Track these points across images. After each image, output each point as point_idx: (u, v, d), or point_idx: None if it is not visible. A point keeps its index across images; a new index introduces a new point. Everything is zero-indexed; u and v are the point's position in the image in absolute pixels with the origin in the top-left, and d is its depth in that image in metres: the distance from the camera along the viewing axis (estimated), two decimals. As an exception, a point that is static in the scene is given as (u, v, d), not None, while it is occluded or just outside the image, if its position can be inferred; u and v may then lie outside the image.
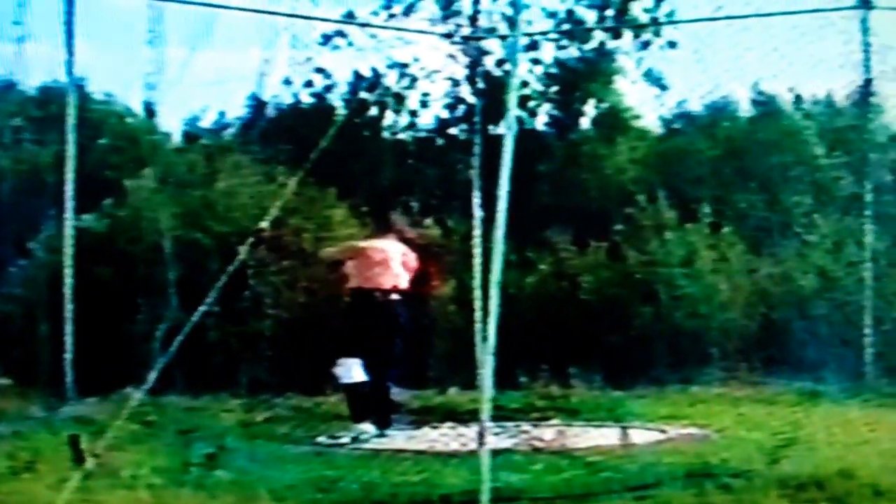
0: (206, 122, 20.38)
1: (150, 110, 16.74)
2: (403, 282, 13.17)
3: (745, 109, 18.89)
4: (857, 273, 16.28)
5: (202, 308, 10.79)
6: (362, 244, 13.30)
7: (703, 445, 12.31)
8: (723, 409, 14.69)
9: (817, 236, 16.60)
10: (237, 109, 19.82)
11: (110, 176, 18.07)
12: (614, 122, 20.16)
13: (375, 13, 19.62)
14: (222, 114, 20.21)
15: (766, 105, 18.57)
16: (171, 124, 19.30)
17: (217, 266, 13.30)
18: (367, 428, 12.88)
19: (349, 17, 19.26)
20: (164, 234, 14.60)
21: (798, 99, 18.72)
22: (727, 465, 10.84)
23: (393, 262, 13.04)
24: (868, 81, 16.65)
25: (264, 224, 12.10)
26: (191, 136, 20.09)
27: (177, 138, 19.66)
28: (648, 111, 20.61)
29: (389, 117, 20.38)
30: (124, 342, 14.69)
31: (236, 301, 15.74)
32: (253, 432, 13.14)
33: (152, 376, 10.54)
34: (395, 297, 13.07)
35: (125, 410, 10.55)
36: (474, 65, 19.03)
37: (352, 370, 12.82)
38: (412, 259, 13.41)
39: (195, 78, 15.67)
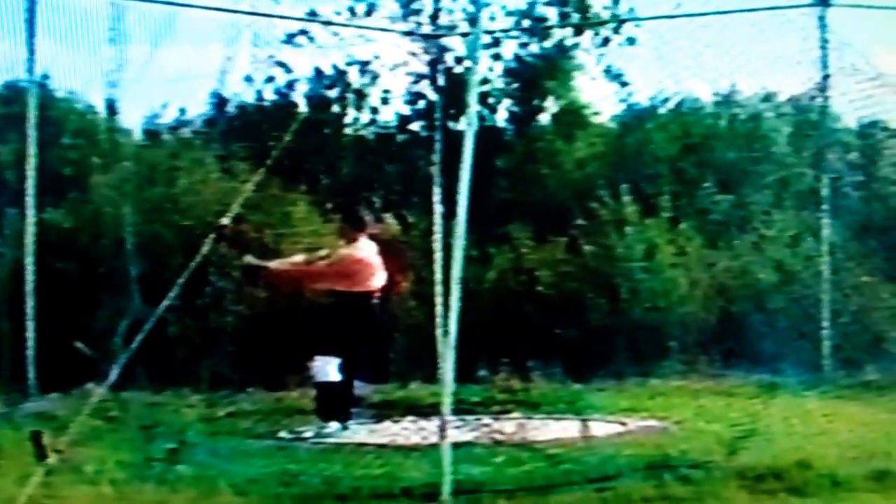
0: (168, 119, 20.34)
1: (111, 108, 16.71)
2: (383, 280, 13.18)
3: (704, 106, 18.99)
4: (814, 266, 16.42)
5: (164, 304, 10.82)
6: (356, 253, 13.18)
7: (663, 437, 12.43)
8: (682, 401, 14.81)
9: (775, 230, 16.72)
10: (199, 106, 19.79)
11: (72, 173, 18.03)
12: (574, 118, 20.22)
13: (338, 12, 19.65)
14: (183, 111, 20.19)
15: (724, 101, 18.68)
16: (133, 121, 19.25)
17: (179, 262, 13.30)
18: (332, 424, 12.90)
19: (312, 16, 19.27)
20: (126, 231, 14.61)
21: (756, 95, 18.83)
22: (686, 456, 10.93)
23: (375, 262, 13.03)
24: (826, 78, 16.79)
25: (226, 220, 12.11)
26: (152, 133, 20.05)
27: (138, 135, 19.60)
28: (608, 107, 20.70)
29: (351, 114, 20.39)
30: (86, 338, 14.66)
31: (198, 297, 15.75)
32: (215, 427, 13.17)
33: (114, 372, 10.55)
34: (378, 296, 13.08)
35: (87, 406, 10.54)
36: (435, 62, 19.09)
37: (328, 369, 12.81)
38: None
39: (157, 75, 15.64)
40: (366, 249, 12.85)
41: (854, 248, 16.32)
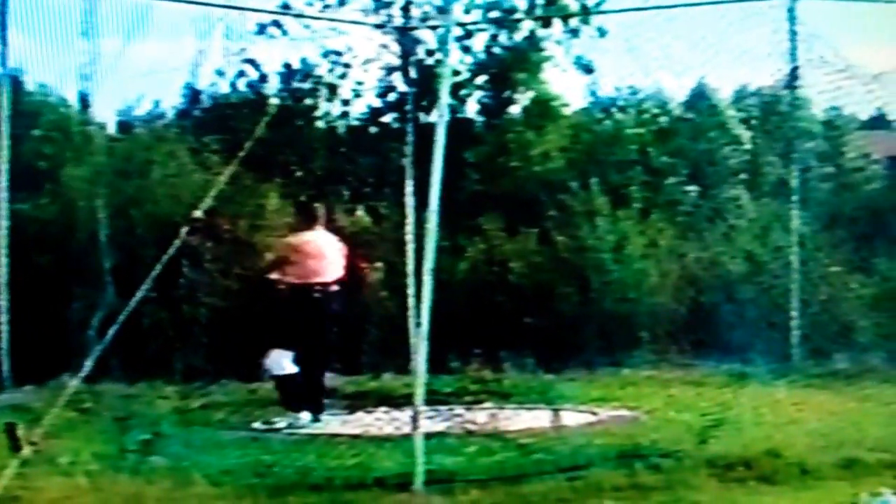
0: (141, 112, 20.31)
1: (84, 101, 16.69)
2: (338, 272, 13.22)
3: (674, 97, 19.06)
4: (783, 257, 16.50)
5: (138, 296, 10.84)
6: (294, 240, 13.27)
7: (634, 427, 12.50)
8: (652, 391, 14.88)
9: (745, 221, 16.80)
10: (172, 99, 19.77)
11: (45, 166, 18.01)
12: (544, 109, 20.24)
13: (310, 3, 19.63)
14: (157, 103, 20.16)
15: (694, 93, 18.74)
16: (107, 114, 19.21)
17: (152, 254, 13.32)
18: (303, 416, 12.95)
19: (284, 8, 19.28)
20: (100, 223, 14.60)
21: (726, 87, 18.93)
22: (657, 445, 11.00)
23: (327, 254, 13.07)
24: (795, 70, 16.89)
25: (199, 213, 12.13)
26: (126, 125, 20.03)
27: (112, 128, 19.57)
28: (578, 99, 20.74)
29: (323, 106, 20.39)
30: (60, 330, 14.65)
31: (172, 289, 15.77)
32: (189, 419, 13.15)
33: (88, 364, 10.57)
34: (333, 288, 13.11)
35: (61, 398, 10.55)
36: (407, 54, 19.12)
37: (282, 362, 12.85)
38: (343, 248, 13.47)
39: (130, 68, 15.63)
40: (312, 239, 12.91)
41: (823, 239, 16.43)
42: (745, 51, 16.61)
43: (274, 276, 13.22)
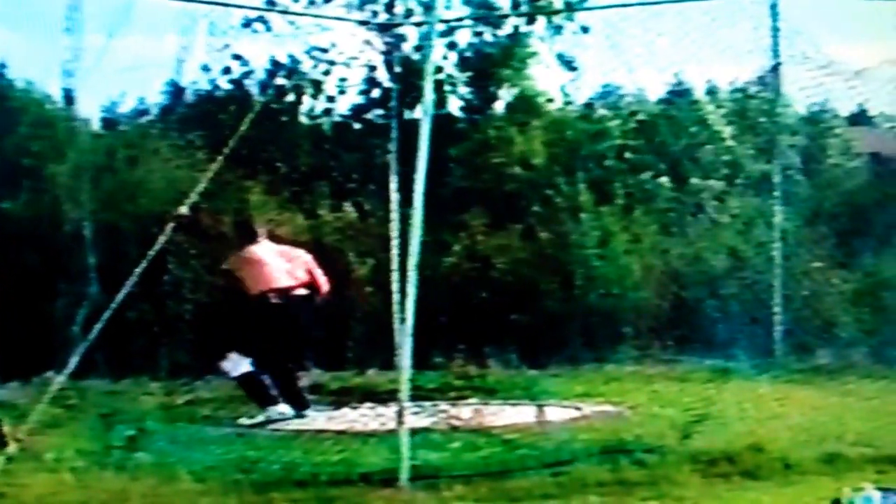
0: (125, 108, 20.30)
1: (69, 97, 16.67)
2: (295, 279, 13.12)
3: (658, 93, 19.11)
4: (766, 253, 16.51)
5: (123, 293, 10.86)
6: (239, 254, 13.22)
7: (617, 422, 12.55)
8: (636, 386, 14.95)
9: (728, 217, 16.84)
10: (156, 95, 19.76)
11: (30, 163, 17.99)
12: (528, 105, 20.27)
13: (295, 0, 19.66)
14: (141, 100, 20.14)
15: (677, 89, 18.78)
16: (91, 111, 19.20)
17: (137, 251, 13.33)
18: (283, 409, 12.92)
19: (269, 4, 19.28)
20: (84, 219, 14.60)
21: (708, 83, 18.97)
22: (641, 440, 11.07)
23: (271, 263, 13.00)
24: (777, 66, 16.95)
25: (184, 209, 12.15)
26: (110, 122, 20.01)
27: (96, 125, 19.57)
28: (562, 95, 20.75)
29: (307, 103, 20.40)
30: (45, 327, 14.66)
31: (157, 285, 15.77)
32: (173, 415, 13.21)
33: (74, 360, 10.59)
34: (296, 293, 13.06)
35: (47, 395, 10.60)
36: (391, 50, 19.12)
37: (238, 364, 12.84)
38: (302, 255, 13.41)
39: (114, 64, 15.62)
40: (254, 251, 12.91)
41: (805, 235, 16.47)
42: (727, 47, 16.66)
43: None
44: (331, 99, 20.48)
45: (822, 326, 16.27)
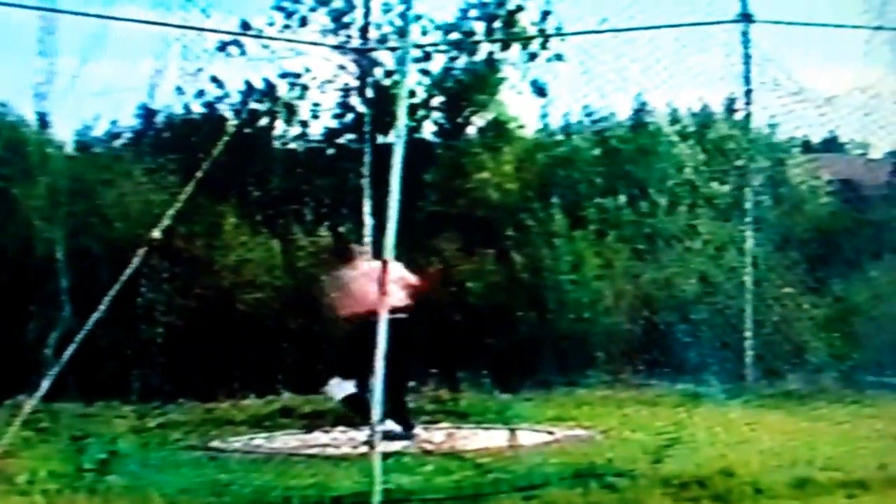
0: (99, 132, 20.27)
1: (42, 120, 16.67)
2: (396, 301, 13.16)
3: (630, 119, 19.19)
4: (737, 278, 16.62)
5: (95, 316, 10.84)
6: (334, 276, 13.25)
7: (589, 446, 12.51)
8: (608, 410, 14.90)
9: (699, 242, 16.90)
10: (129, 119, 19.75)
11: (2, 185, 17.95)
12: (501, 131, 20.33)
13: (270, 23, 19.69)
14: (115, 123, 20.13)
15: (650, 115, 18.88)
16: (65, 134, 19.18)
17: (109, 274, 13.31)
18: (391, 425, 12.85)
19: (244, 28, 19.31)
20: (57, 242, 14.57)
21: (681, 109, 19.07)
22: (612, 465, 11.04)
23: (365, 283, 13.02)
24: (748, 92, 17.06)
25: (157, 233, 12.15)
26: (84, 145, 19.99)
27: (70, 148, 19.54)
28: (534, 121, 20.85)
29: (280, 127, 20.43)
30: (17, 350, 14.61)
31: (129, 308, 15.74)
32: (146, 438, 13.16)
33: (45, 383, 10.57)
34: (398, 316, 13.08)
35: (19, 417, 10.57)
36: (365, 75, 19.18)
37: (343, 386, 12.87)
38: (407, 276, 13.44)
39: (88, 88, 15.63)
40: (356, 274, 12.94)
41: (776, 260, 16.55)
42: (699, 73, 16.83)
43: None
44: (304, 123, 20.52)
45: (793, 351, 16.33)
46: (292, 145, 20.56)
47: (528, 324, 18.13)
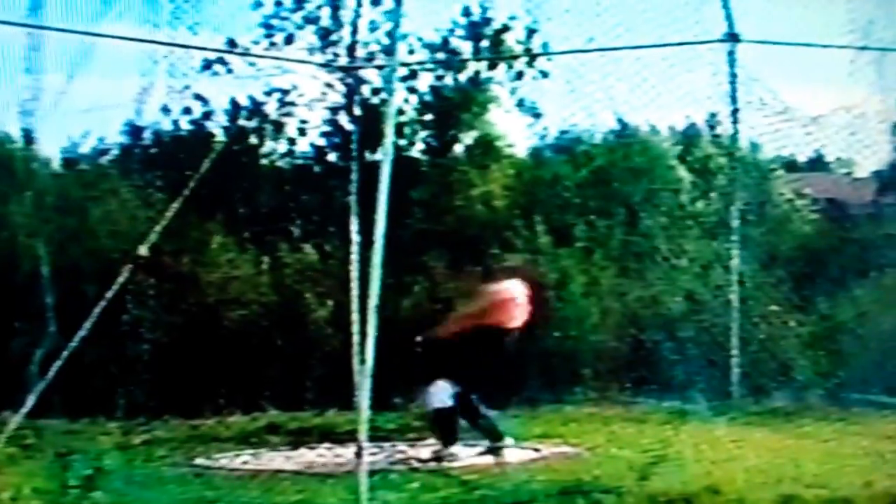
0: (86, 149, 20.26)
1: (28, 137, 16.67)
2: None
3: (616, 138, 19.24)
4: (723, 296, 16.63)
5: (80, 333, 10.84)
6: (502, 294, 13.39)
7: (576, 463, 12.52)
8: (594, 427, 14.88)
9: (685, 260, 16.92)
10: (116, 136, 19.75)
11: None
12: (488, 149, 20.38)
13: (256, 42, 19.72)
14: (102, 140, 20.13)
15: (636, 134, 18.92)
16: (51, 151, 19.18)
17: (95, 291, 13.32)
18: (454, 449, 12.96)
19: (230, 46, 19.32)
20: (43, 259, 14.55)
21: (667, 128, 19.14)
22: (598, 482, 11.08)
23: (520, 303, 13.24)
24: (735, 111, 17.12)
25: (143, 249, 12.16)
26: (70, 162, 19.99)
27: (57, 165, 19.55)
28: (521, 139, 20.91)
29: (268, 144, 20.45)
30: (2, 366, 14.58)
31: (115, 325, 15.72)
32: (131, 455, 13.15)
33: (30, 400, 10.57)
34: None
35: (3, 434, 10.56)
36: (352, 93, 19.21)
37: (444, 396, 12.92)
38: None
39: (74, 105, 15.62)
40: (509, 290, 13.07)
41: (762, 278, 16.58)
42: (685, 93, 16.88)
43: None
44: (291, 141, 20.54)
45: (779, 369, 16.35)
46: (279, 163, 20.59)
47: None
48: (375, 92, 19.41)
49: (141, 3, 15.91)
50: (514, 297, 13.13)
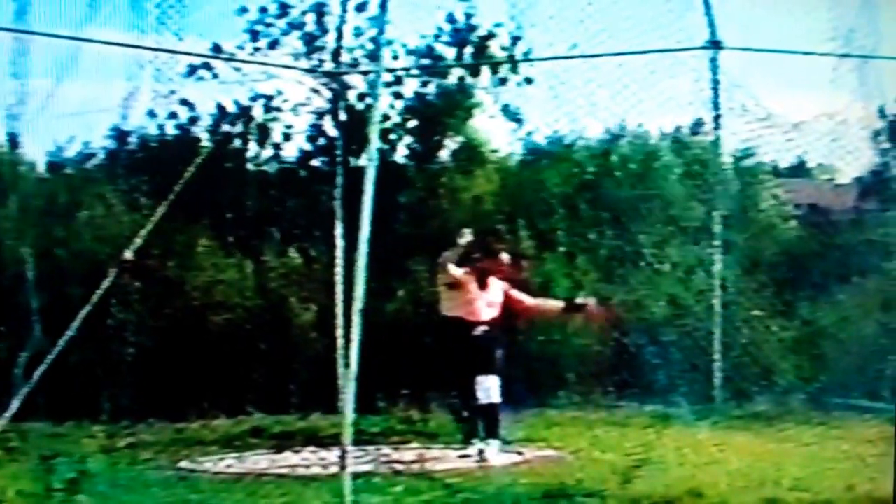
0: (72, 153, 20.26)
1: (14, 141, 16.70)
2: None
3: (599, 144, 19.29)
4: (706, 301, 16.71)
5: (66, 336, 10.87)
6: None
7: (559, 467, 12.61)
8: (578, 431, 14.96)
9: (668, 265, 16.99)
10: (102, 140, 19.75)
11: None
12: (472, 154, 20.39)
13: (241, 47, 19.72)
14: (87, 144, 20.12)
15: (618, 140, 18.97)
16: (36, 155, 19.18)
17: (81, 294, 13.35)
18: (493, 444, 13.14)
19: (215, 51, 19.34)
20: (28, 262, 14.57)
21: (649, 134, 19.18)
22: (582, 485, 11.14)
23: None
24: (717, 117, 17.20)
25: (129, 253, 12.19)
26: (56, 166, 19.98)
27: (42, 169, 19.54)
28: (505, 144, 20.94)
29: (253, 149, 20.45)
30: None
31: (100, 328, 15.74)
32: (115, 458, 13.18)
33: (15, 403, 10.59)
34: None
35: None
36: (337, 99, 19.24)
37: (495, 390, 12.99)
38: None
39: (60, 109, 15.65)
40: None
41: (744, 284, 16.64)
42: (668, 99, 16.95)
43: None
44: (277, 146, 20.55)
45: (761, 373, 16.41)
46: (265, 167, 20.60)
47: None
48: (361, 97, 19.45)
49: (127, 8, 15.97)
50: (473, 287, 13.13)
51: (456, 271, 13.34)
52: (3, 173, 17.38)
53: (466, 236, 13.18)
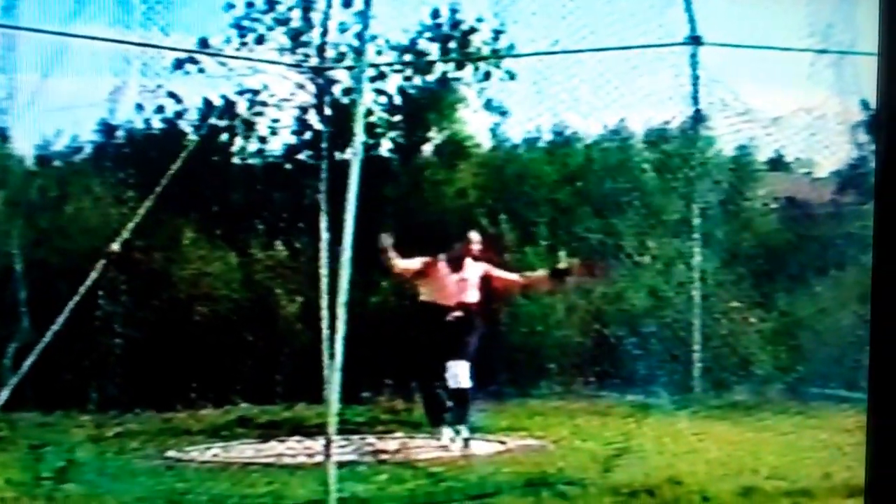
0: (60, 147, 20.31)
1: (2, 135, 16.76)
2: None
3: (580, 138, 19.39)
4: (686, 292, 16.80)
5: (54, 328, 10.98)
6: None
7: (541, 456, 12.74)
8: (559, 420, 15.09)
9: (648, 258, 17.10)
10: (89, 134, 19.79)
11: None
12: (456, 148, 20.48)
13: (227, 41, 19.79)
14: (75, 138, 20.17)
15: (599, 134, 19.06)
16: (24, 148, 19.23)
17: (68, 286, 13.43)
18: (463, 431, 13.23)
19: (202, 46, 19.42)
20: (16, 255, 14.66)
21: (630, 128, 19.28)
22: (563, 474, 11.30)
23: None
24: (697, 112, 17.33)
25: (115, 246, 12.29)
26: (44, 160, 20.03)
27: (30, 162, 19.59)
28: (488, 139, 21.02)
29: (239, 143, 20.52)
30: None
31: (87, 320, 15.82)
32: (103, 447, 13.26)
33: (4, 393, 10.70)
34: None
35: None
36: (322, 93, 19.33)
37: (465, 374, 13.11)
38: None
39: (48, 103, 15.73)
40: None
41: (724, 275, 16.76)
42: (648, 94, 17.08)
43: None
44: (262, 140, 20.62)
45: (740, 364, 16.51)
46: (251, 161, 20.67)
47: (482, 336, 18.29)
48: (346, 92, 19.55)
49: (114, 3, 16.06)
50: (442, 271, 13.26)
51: (404, 263, 13.45)
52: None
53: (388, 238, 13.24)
